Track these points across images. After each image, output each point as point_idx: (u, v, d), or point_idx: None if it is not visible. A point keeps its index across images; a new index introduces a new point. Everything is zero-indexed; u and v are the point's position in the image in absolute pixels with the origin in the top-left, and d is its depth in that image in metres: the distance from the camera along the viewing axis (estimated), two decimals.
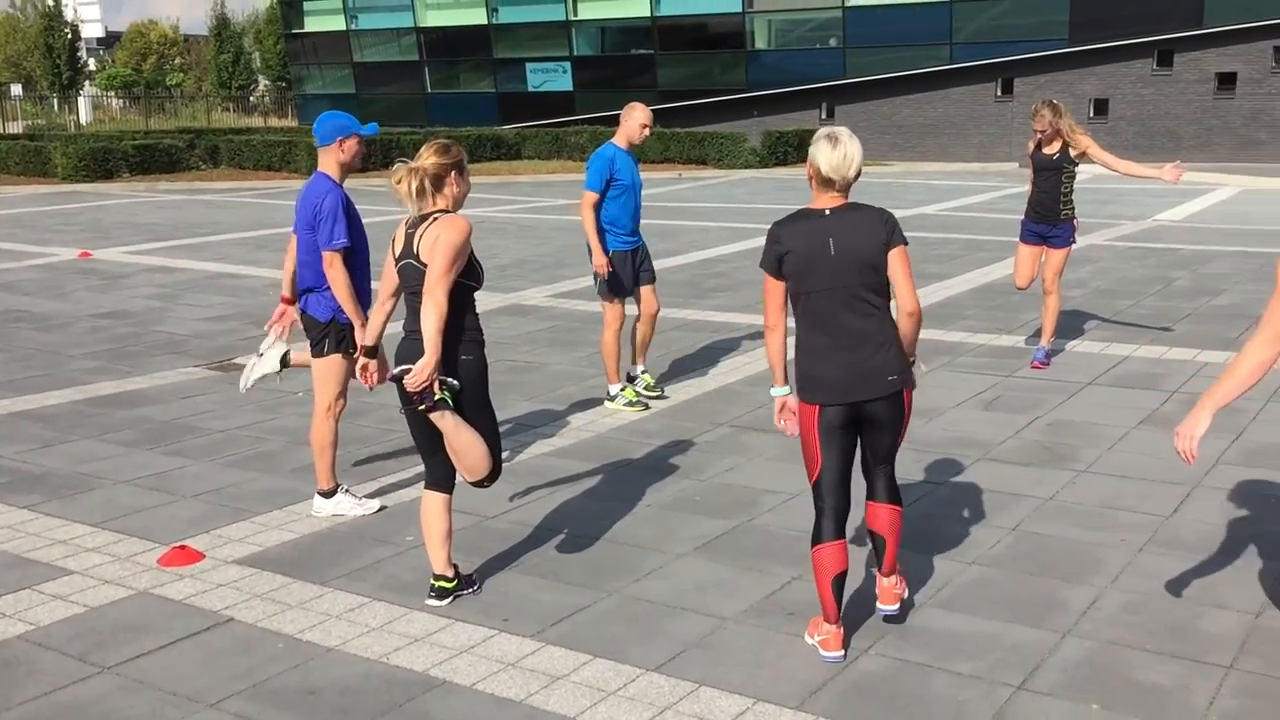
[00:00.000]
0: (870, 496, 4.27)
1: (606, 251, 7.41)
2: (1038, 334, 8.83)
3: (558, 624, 4.44)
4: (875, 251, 3.97)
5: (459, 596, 4.66)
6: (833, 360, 3.99)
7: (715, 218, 19.20)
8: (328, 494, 5.68)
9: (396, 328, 4.66)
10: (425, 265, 4.34)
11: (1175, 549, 5.08)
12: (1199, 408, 3.59)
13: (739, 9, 35.63)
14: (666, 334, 9.91)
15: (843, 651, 4.09)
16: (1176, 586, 4.68)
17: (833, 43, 35.08)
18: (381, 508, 5.73)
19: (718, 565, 5.01)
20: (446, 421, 4.33)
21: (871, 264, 3.97)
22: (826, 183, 3.99)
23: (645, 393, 7.72)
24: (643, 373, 7.84)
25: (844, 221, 3.99)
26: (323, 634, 4.36)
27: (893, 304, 4.12)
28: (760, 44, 36.64)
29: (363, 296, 5.55)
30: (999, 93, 33.23)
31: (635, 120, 7.45)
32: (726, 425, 7.15)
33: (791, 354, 4.07)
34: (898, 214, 4.35)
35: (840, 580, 4.07)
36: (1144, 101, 31.21)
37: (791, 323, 4.08)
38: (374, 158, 29.32)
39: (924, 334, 9.06)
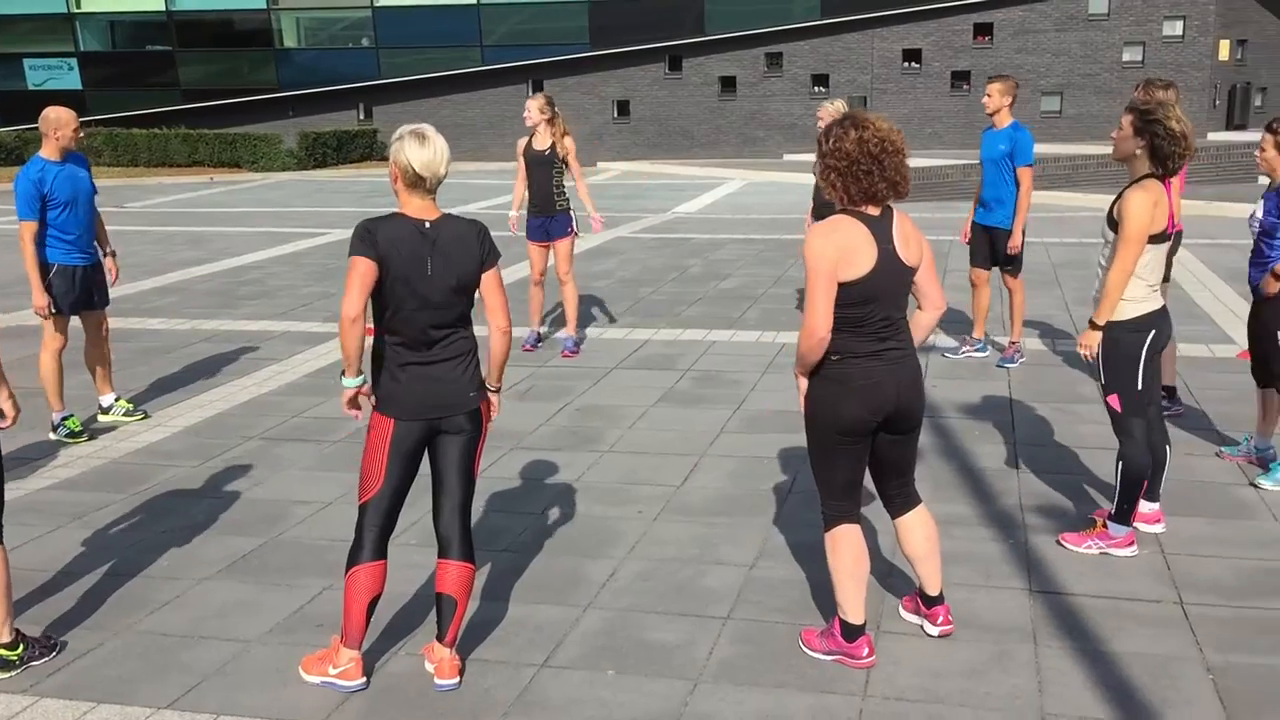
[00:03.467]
0: (443, 553, 3.93)
1: (49, 288, 6.77)
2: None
3: (56, 674, 4.03)
4: (472, 273, 3.84)
5: None
6: (414, 375, 3.80)
7: (249, 223, 18.35)
8: None
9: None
10: None
11: (684, 515, 5.51)
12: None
13: (263, 5, 34.22)
14: (193, 346, 9.33)
15: (365, 679, 3.93)
16: (684, 549, 5.08)
17: (365, 42, 34.68)
18: None
19: (243, 585, 4.78)
20: None
21: (466, 285, 3.83)
22: (417, 182, 3.77)
23: (126, 419, 7.29)
24: (116, 400, 7.37)
25: (443, 240, 3.79)
26: None
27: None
28: (290, 42, 35.45)
29: None
30: (530, 94, 34.42)
31: (54, 125, 6.70)
32: (257, 438, 6.84)
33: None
34: None
35: (374, 604, 3.89)
36: (660, 103, 33.60)
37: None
38: None
39: None
